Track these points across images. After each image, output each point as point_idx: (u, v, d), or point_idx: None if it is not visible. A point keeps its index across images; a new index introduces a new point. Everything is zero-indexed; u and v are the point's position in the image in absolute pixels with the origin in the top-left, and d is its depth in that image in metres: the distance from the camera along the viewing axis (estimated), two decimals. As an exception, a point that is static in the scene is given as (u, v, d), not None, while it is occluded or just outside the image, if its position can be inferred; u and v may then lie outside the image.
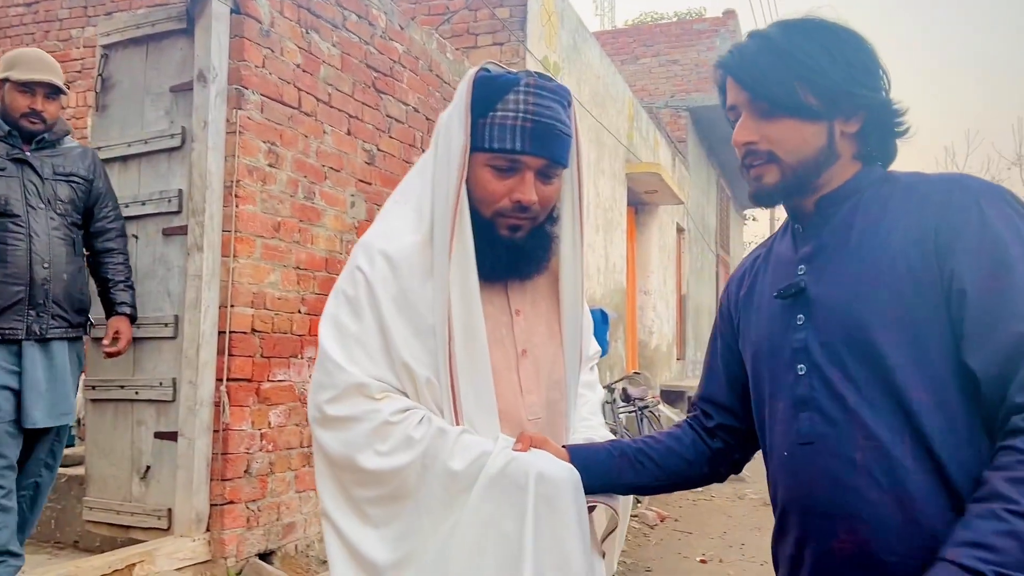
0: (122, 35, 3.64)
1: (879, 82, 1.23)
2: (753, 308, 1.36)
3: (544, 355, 1.45)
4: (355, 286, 1.35)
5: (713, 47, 12.93)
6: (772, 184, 1.25)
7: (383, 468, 1.28)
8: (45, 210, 2.98)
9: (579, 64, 7.37)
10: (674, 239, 11.93)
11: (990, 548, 0.98)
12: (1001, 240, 1.10)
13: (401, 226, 1.39)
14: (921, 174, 1.24)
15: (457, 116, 1.35)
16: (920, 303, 1.12)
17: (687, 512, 7.01)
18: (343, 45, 4.20)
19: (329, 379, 1.32)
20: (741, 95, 1.25)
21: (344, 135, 4.21)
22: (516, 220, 1.36)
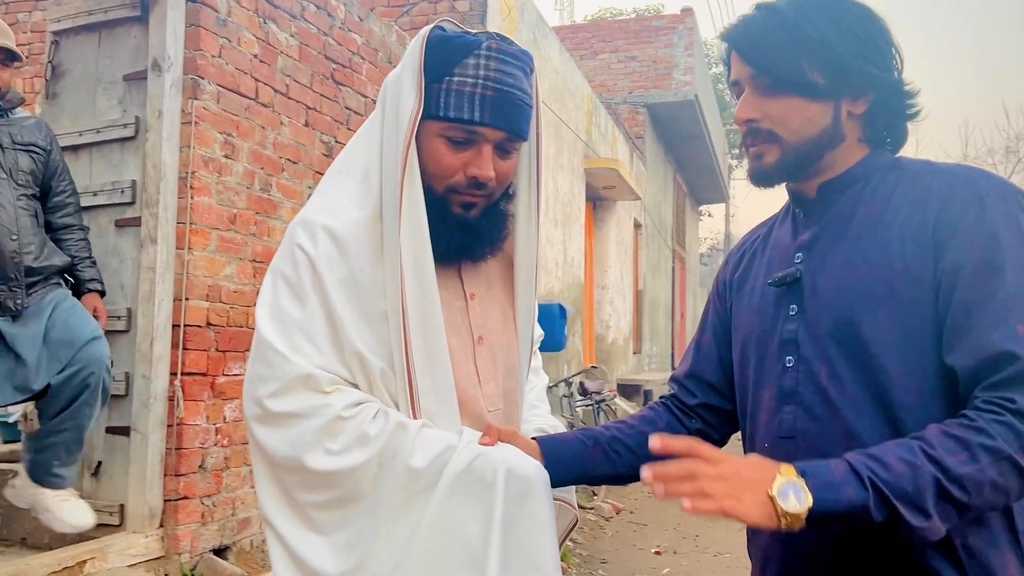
0: (73, 21, 3.55)
1: (890, 61, 1.16)
2: (746, 291, 1.31)
3: (499, 342, 1.35)
4: (296, 267, 1.21)
5: (671, 44, 13.03)
6: (771, 164, 1.19)
7: (334, 469, 1.15)
8: (7, 180, 2.86)
9: (538, 59, 7.37)
10: (631, 234, 12.03)
11: (884, 465, 0.97)
12: (997, 240, 1.05)
13: (345, 200, 1.25)
14: (930, 163, 1.19)
15: (408, 78, 1.21)
16: (913, 301, 1.08)
17: (642, 504, 7.10)
18: (301, 36, 4.16)
19: (271, 371, 1.18)
20: (745, 70, 1.18)
21: (302, 126, 4.17)
22: (470, 197, 1.24)
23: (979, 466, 0.95)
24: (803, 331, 1.16)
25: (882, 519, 0.96)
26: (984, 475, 0.96)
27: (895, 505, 0.95)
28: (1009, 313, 1.01)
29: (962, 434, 0.97)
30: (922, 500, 0.95)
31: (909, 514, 0.95)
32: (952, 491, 0.95)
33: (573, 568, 4.96)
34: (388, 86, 1.27)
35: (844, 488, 0.96)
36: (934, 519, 0.96)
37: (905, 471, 0.96)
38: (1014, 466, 0.96)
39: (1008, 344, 0.99)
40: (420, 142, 1.23)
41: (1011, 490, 0.97)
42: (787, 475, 0.98)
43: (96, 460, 3.40)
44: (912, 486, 0.95)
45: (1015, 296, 1.02)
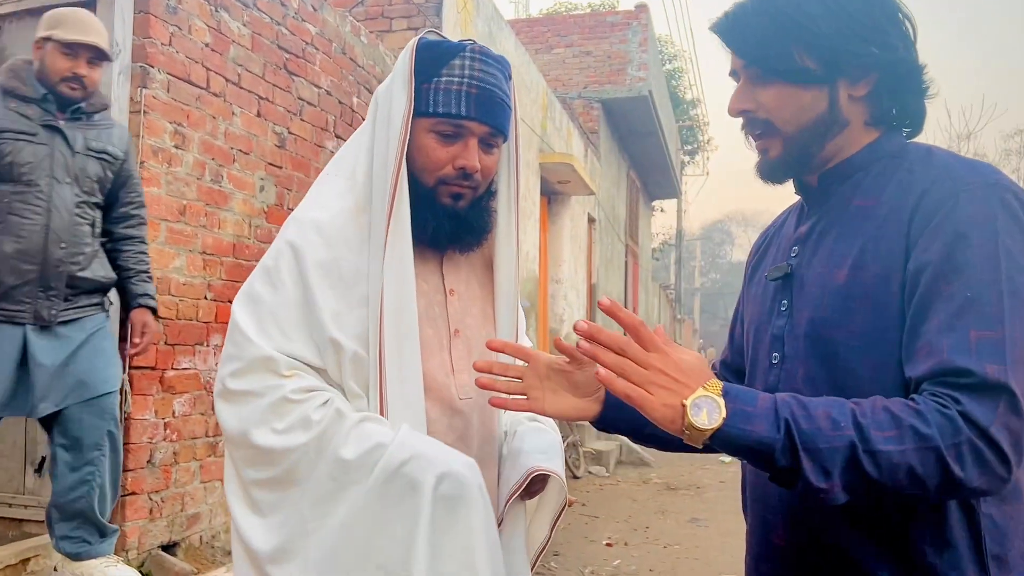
0: (17, 5, 3.46)
1: (892, 37, 1.09)
2: (755, 282, 1.28)
3: (477, 336, 1.42)
4: (277, 257, 1.31)
5: (625, 40, 13.12)
6: (775, 158, 1.14)
7: (276, 446, 1.21)
8: (70, 185, 2.73)
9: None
10: (585, 229, 12.10)
11: (809, 415, 0.94)
12: (964, 239, 0.98)
13: (332, 195, 1.35)
14: (932, 152, 1.11)
15: (400, 81, 1.32)
16: (884, 304, 1.03)
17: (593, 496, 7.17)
18: (254, 25, 4.10)
19: (237, 351, 1.26)
20: (736, 60, 1.14)
21: (254, 117, 4.11)
22: (459, 188, 1.33)
23: (902, 448, 0.91)
24: (788, 328, 1.13)
25: (784, 466, 0.93)
26: (904, 458, 0.91)
27: (801, 457, 0.92)
28: (963, 318, 0.95)
29: (900, 412, 0.93)
30: (830, 461, 0.92)
31: (810, 470, 0.92)
32: (864, 462, 0.91)
33: (526, 560, 4.99)
34: (379, 95, 1.37)
35: (759, 422, 0.94)
36: (835, 483, 0.93)
37: (826, 427, 0.93)
38: (939, 460, 0.91)
39: (959, 357, 0.94)
40: (411, 139, 1.32)
41: (929, 483, 0.92)
42: (710, 391, 0.96)
43: (40, 456, 3.32)
44: (826, 444, 0.92)
45: (973, 300, 0.96)
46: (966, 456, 0.91)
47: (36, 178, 2.66)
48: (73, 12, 2.78)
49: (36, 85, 2.72)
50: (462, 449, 1.34)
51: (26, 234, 2.64)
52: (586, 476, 8.22)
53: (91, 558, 2.77)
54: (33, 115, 2.69)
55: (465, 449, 1.35)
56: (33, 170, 2.66)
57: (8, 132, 2.64)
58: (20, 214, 2.64)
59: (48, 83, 2.72)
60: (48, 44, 2.71)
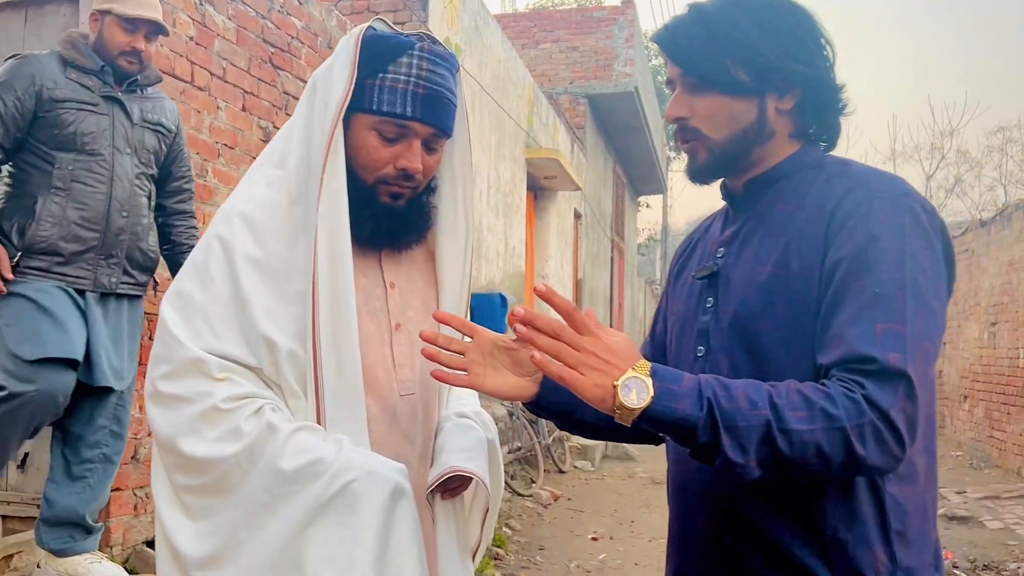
0: (-2, -3, 3.42)
1: (817, 57, 1.18)
2: (680, 282, 1.35)
3: (418, 330, 1.34)
4: (207, 253, 1.26)
5: (611, 35, 13.13)
6: (702, 162, 1.22)
7: (204, 456, 1.17)
8: (130, 156, 2.75)
9: (481, 47, 7.37)
10: (572, 224, 12.12)
11: (729, 395, 1.00)
12: (875, 241, 1.08)
13: (263, 187, 1.30)
14: (848, 164, 1.21)
15: (340, 71, 1.26)
16: (805, 299, 1.11)
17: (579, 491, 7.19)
18: (239, 18, 4.07)
19: (166, 352, 1.22)
20: (674, 69, 1.22)
21: (239, 111, 4.09)
22: (399, 188, 1.30)
23: (812, 427, 0.98)
24: (714, 323, 1.21)
25: (705, 441, 1.00)
26: (813, 436, 0.98)
27: (720, 433, 0.99)
28: (871, 311, 1.04)
29: (811, 394, 1.01)
30: (747, 438, 0.99)
31: (730, 446, 0.99)
32: (778, 440, 0.98)
33: (511, 555, 5.01)
34: (317, 79, 1.32)
35: (683, 400, 1.00)
36: (751, 459, 0.99)
37: (744, 406, 1.00)
38: (844, 438, 0.99)
39: (865, 346, 1.02)
40: (351, 134, 1.28)
41: (834, 460, 1.00)
42: (639, 371, 1.02)
43: (23, 451, 3.30)
44: (744, 422, 0.99)
45: (880, 296, 1.04)
46: (868, 436, 0.99)
47: (99, 148, 2.68)
48: None
49: (94, 57, 2.72)
50: (405, 447, 1.33)
51: (90, 202, 2.66)
52: (571, 470, 8.25)
53: (75, 554, 2.75)
54: (93, 86, 2.70)
55: (408, 447, 1.33)
56: (96, 140, 2.67)
57: (70, 102, 2.65)
58: (84, 182, 2.65)
59: (106, 56, 2.72)
60: (107, 17, 2.71)
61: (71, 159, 2.64)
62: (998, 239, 9.69)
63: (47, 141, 2.63)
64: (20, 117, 2.59)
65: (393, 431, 1.32)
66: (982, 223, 10.46)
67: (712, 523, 1.19)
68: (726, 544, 1.17)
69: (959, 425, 11.17)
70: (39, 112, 2.61)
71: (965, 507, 7.07)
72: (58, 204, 2.62)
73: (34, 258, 2.61)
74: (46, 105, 2.61)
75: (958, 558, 5.47)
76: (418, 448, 1.36)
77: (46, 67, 2.65)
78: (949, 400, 11.67)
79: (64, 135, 2.63)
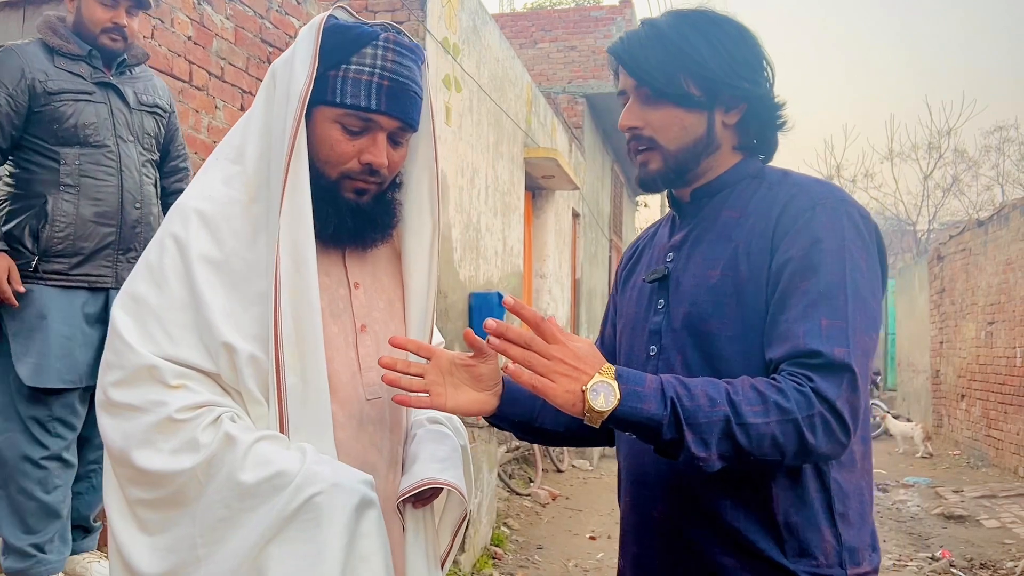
0: (-4, -3, 3.43)
1: (760, 76, 1.27)
2: (630, 286, 1.41)
3: (385, 331, 1.33)
4: (161, 253, 1.19)
5: (609, 35, 13.13)
6: (655, 170, 1.29)
7: (160, 469, 1.11)
8: (134, 144, 2.66)
9: (479, 47, 7.37)
10: (569, 224, 12.12)
11: (690, 394, 1.07)
12: (818, 244, 1.15)
13: (220, 184, 1.24)
14: (788, 174, 1.29)
15: (301, 62, 1.20)
16: (753, 300, 1.18)
17: (577, 490, 7.20)
18: (237, 18, 4.08)
19: (117, 359, 1.15)
20: (628, 81, 1.28)
21: (237, 111, 4.09)
22: (363, 183, 1.25)
23: (767, 420, 1.06)
24: (666, 323, 1.28)
25: (669, 439, 1.07)
26: (768, 429, 1.06)
27: (684, 430, 1.05)
28: (816, 308, 1.12)
29: (764, 390, 1.08)
30: (708, 434, 1.06)
31: (693, 441, 1.06)
32: (737, 434, 1.06)
33: (509, 554, 5.01)
34: (276, 70, 1.26)
35: (648, 401, 1.06)
36: (713, 453, 1.07)
37: (704, 404, 1.07)
38: (796, 429, 1.07)
39: (812, 341, 1.10)
40: (313, 128, 1.22)
41: (787, 450, 1.08)
42: (605, 376, 1.07)
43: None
44: (705, 419, 1.06)
45: (824, 294, 1.12)
46: (817, 426, 1.08)
47: (103, 139, 2.57)
48: None
49: (79, 41, 2.61)
50: (373, 453, 1.28)
51: (102, 196, 2.57)
52: (570, 470, 8.26)
53: (75, 554, 2.75)
54: (84, 73, 2.59)
55: (376, 453, 1.29)
56: (98, 130, 2.56)
57: (66, 93, 2.54)
58: (93, 176, 2.55)
59: (87, 37, 2.59)
60: None
61: (76, 153, 2.54)
62: (995, 238, 9.70)
63: (47, 137, 2.52)
64: (15, 115, 2.48)
65: (360, 437, 1.27)
66: (979, 223, 10.47)
67: (670, 513, 1.25)
68: (683, 532, 1.24)
69: (956, 424, 11.19)
70: (34, 107, 2.50)
71: (962, 506, 7.08)
72: (70, 202, 2.52)
73: (52, 261, 2.52)
74: (41, 99, 2.50)
75: (955, 557, 5.49)
76: (386, 454, 1.31)
77: (33, 58, 2.52)
78: (946, 399, 11.68)
79: (65, 129, 2.52)
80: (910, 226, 22.07)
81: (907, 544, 5.96)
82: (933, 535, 6.24)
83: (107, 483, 1.20)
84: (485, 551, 4.82)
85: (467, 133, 7.05)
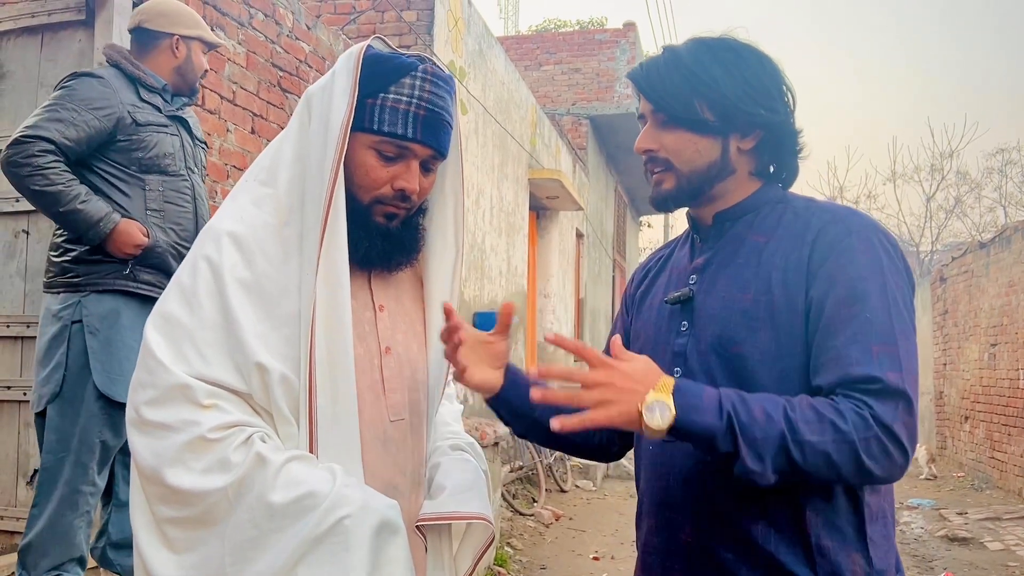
0: (15, 23, 3.49)
1: (777, 103, 1.28)
2: (646, 307, 1.42)
3: (407, 353, 1.36)
4: (194, 275, 1.21)
5: (613, 57, 13.25)
6: (668, 190, 1.32)
7: (191, 488, 1.12)
8: (198, 174, 2.85)
9: (484, 70, 7.46)
10: (573, 244, 12.17)
11: (748, 408, 1.10)
12: (860, 272, 1.18)
13: (251, 206, 1.27)
14: (813, 201, 1.32)
15: (341, 91, 1.24)
16: (788, 325, 1.20)
17: (581, 511, 7.19)
18: (249, 43, 4.16)
19: (150, 378, 1.16)
20: (646, 105, 1.32)
21: (248, 133, 4.16)
22: (394, 208, 1.29)
23: (823, 439, 1.08)
24: (691, 345, 1.28)
25: (725, 451, 1.09)
26: (824, 448, 1.08)
27: (740, 444, 1.08)
28: (867, 335, 1.14)
29: (823, 409, 1.10)
30: (764, 449, 1.08)
31: (749, 456, 1.08)
32: (792, 450, 1.08)
33: (513, 575, 5.02)
34: (313, 96, 1.29)
35: (705, 415, 1.09)
36: (767, 467, 1.09)
37: (761, 420, 1.09)
38: (852, 450, 1.09)
39: (866, 367, 1.12)
40: (348, 153, 1.25)
41: (842, 469, 1.10)
42: (660, 392, 1.10)
43: (32, 468, 3.34)
44: (761, 434, 1.08)
45: (872, 320, 1.15)
46: (874, 449, 1.10)
47: (179, 168, 2.76)
48: (195, 14, 2.93)
49: (154, 76, 2.78)
50: (396, 474, 1.31)
51: (183, 222, 2.73)
52: (573, 490, 8.25)
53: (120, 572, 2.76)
54: (161, 106, 2.78)
55: (399, 474, 1.31)
56: (175, 161, 2.75)
57: (151, 125, 2.71)
58: (175, 203, 2.73)
59: (190, 79, 2.86)
60: (193, 43, 2.84)
61: (159, 180, 2.70)
62: (997, 260, 9.73)
63: (130, 164, 2.65)
64: (96, 137, 2.58)
65: (384, 458, 1.29)
66: (981, 244, 10.51)
67: (699, 535, 1.25)
68: (713, 555, 1.24)
69: (960, 446, 11.17)
70: (120, 136, 2.62)
71: (966, 528, 7.07)
72: (159, 226, 2.67)
73: (145, 271, 2.63)
74: (129, 129, 2.63)
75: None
76: (409, 475, 1.34)
77: (122, 88, 2.67)
78: (950, 421, 11.66)
79: (148, 158, 2.68)
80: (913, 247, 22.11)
81: (911, 566, 5.96)
82: (937, 557, 6.23)
83: (135, 501, 1.20)
84: (488, 571, 4.83)
85: (472, 154, 7.12)
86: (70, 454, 2.56)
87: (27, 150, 2.50)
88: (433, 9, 6.28)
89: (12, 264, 3.43)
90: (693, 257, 1.37)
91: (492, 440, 5.09)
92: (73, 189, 2.50)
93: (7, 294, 3.42)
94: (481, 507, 1.32)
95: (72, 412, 2.58)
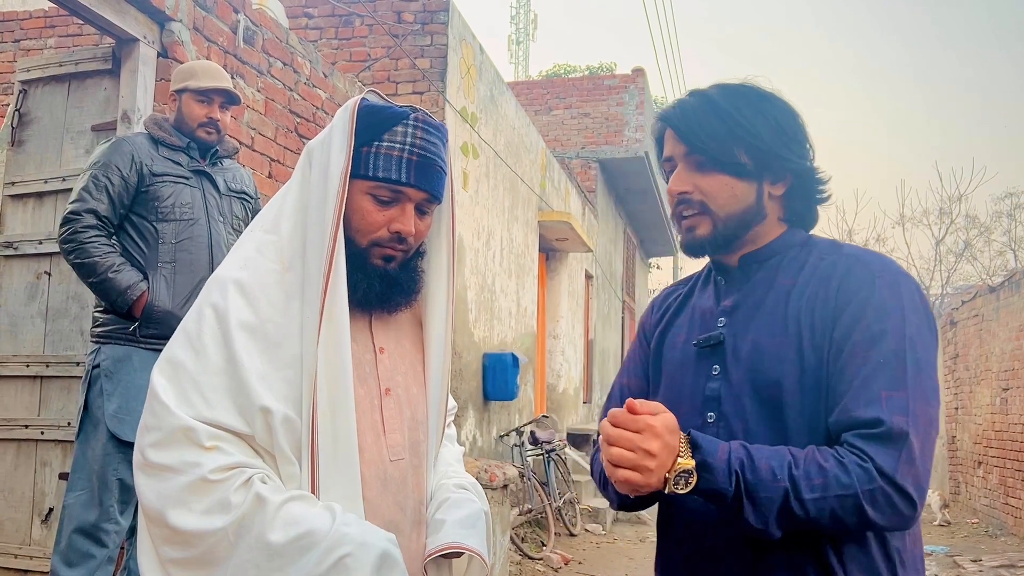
0: (43, 72, 3.62)
1: (805, 150, 1.32)
2: (667, 346, 1.41)
3: (407, 395, 1.40)
4: (200, 322, 1.25)
5: (622, 102, 13.44)
6: (704, 236, 1.31)
7: (193, 529, 1.14)
8: (223, 223, 2.96)
9: (496, 115, 7.59)
10: (583, 285, 12.23)
11: (754, 467, 1.12)
12: (879, 315, 1.19)
13: (255, 254, 1.31)
14: (836, 243, 1.34)
15: (338, 142, 1.30)
16: (815, 367, 1.20)
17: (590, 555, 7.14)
18: (267, 91, 4.27)
19: (155, 421, 1.19)
20: (679, 147, 1.31)
21: (265, 177, 4.26)
22: (391, 251, 1.34)
23: (825, 495, 1.11)
24: (725, 390, 1.28)
25: (731, 507, 1.13)
26: (827, 504, 1.11)
27: (744, 503, 1.12)
28: (876, 379, 1.15)
29: (827, 464, 1.12)
30: (767, 508, 1.11)
31: (751, 514, 1.12)
32: (794, 508, 1.11)
33: (522, 618, 4.98)
34: (313, 151, 1.36)
35: (718, 477, 1.13)
36: (771, 524, 1.12)
37: (767, 478, 1.12)
38: (856, 504, 1.11)
39: (872, 410, 1.14)
40: (346, 199, 1.30)
41: (847, 522, 1.12)
42: (685, 464, 1.13)
43: (48, 507, 3.38)
44: (765, 494, 1.11)
45: (885, 364, 1.16)
46: (879, 501, 1.11)
47: (196, 216, 2.89)
48: (201, 64, 3.05)
49: (179, 135, 2.96)
50: (397, 513, 1.33)
51: (197, 268, 2.86)
52: (583, 533, 8.19)
53: None
54: (183, 161, 2.93)
55: (400, 513, 1.34)
56: (193, 209, 2.89)
57: (168, 176, 2.88)
58: (189, 250, 2.86)
59: (186, 131, 2.96)
60: (183, 94, 2.97)
61: (173, 227, 2.84)
62: (1007, 304, 9.72)
63: (148, 214, 2.83)
64: (125, 195, 2.80)
65: (384, 497, 1.32)
66: (991, 288, 10.50)
67: None
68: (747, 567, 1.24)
69: (974, 492, 11.04)
70: (141, 187, 2.82)
71: (980, 575, 6.98)
72: (166, 278, 2.80)
73: (150, 327, 2.78)
74: (147, 180, 2.82)
75: (973, 628, 5.40)
76: (409, 513, 1.36)
77: (141, 146, 2.88)
78: (963, 466, 11.55)
79: (164, 206, 2.84)
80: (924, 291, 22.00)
81: (924, 614, 5.87)
82: (951, 605, 6.14)
83: (142, 542, 1.23)
84: (498, 615, 4.79)
85: (483, 197, 7.21)
86: (89, 492, 2.63)
87: (72, 227, 2.74)
88: (446, 57, 6.42)
89: (33, 305, 3.50)
90: (719, 299, 1.36)
91: (501, 482, 5.09)
92: (107, 260, 2.72)
93: (27, 334, 3.49)
94: (479, 544, 1.36)
95: (91, 451, 2.68)
